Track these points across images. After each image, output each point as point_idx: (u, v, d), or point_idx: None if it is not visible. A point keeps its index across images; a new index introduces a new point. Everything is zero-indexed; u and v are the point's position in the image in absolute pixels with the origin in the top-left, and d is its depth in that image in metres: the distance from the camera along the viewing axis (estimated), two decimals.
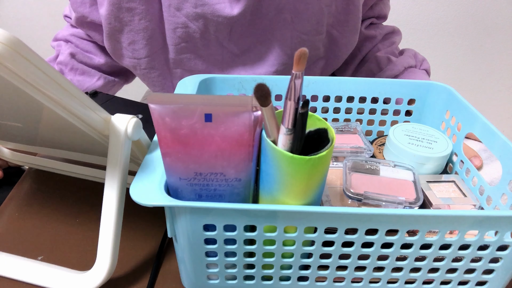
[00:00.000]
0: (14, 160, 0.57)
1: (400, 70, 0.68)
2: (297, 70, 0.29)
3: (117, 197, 0.38)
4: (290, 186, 0.32)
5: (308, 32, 0.61)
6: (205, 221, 0.33)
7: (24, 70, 0.28)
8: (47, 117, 0.36)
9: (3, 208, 0.51)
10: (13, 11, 1.40)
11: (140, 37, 0.60)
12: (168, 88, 0.69)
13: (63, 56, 0.70)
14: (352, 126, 0.53)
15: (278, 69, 0.64)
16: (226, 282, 0.39)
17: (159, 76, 0.66)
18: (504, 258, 0.36)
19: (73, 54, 0.70)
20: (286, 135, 0.31)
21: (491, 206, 0.43)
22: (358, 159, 0.46)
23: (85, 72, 0.71)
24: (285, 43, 0.61)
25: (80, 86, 0.70)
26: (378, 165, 0.45)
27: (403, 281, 0.38)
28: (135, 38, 0.60)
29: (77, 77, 0.70)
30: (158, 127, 0.31)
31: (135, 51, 0.62)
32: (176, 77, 0.67)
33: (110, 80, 0.74)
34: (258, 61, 0.65)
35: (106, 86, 0.74)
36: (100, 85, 0.72)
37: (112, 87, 0.77)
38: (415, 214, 0.33)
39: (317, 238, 0.34)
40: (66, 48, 0.70)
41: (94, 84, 0.71)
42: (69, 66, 0.70)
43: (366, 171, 0.44)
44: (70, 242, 0.46)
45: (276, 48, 0.62)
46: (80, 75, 0.70)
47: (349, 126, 0.53)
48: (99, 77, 0.72)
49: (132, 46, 0.61)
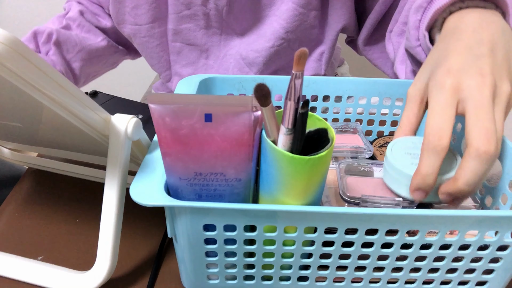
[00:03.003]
0: (14, 160, 0.57)
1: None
2: (297, 70, 0.29)
3: (117, 197, 0.38)
4: (290, 186, 0.32)
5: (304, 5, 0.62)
6: (205, 221, 0.33)
7: (24, 70, 0.28)
8: (47, 117, 0.36)
9: (3, 208, 0.51)
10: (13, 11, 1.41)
11: (144, 1, 0.63)
12: (164, 62, 0.71)
13: (72, 13, 0.72)
14: (352, 126, 0.53)
15: (275, 44, 0.65)
16: (226, 282, 0.39)
17: (157, 46, 0.68)
18: (504, 258, 0.36)
19: (82, 12, 0.72)
20: (286, 135, 0.31)
21: (491, 206, 0.43)
22: (350, 161, 0.45)
23: (91, 30, 0.73)
24: (282, 16, 0.63)
25: (84, 42, 0.71)
26: (371, 167, 0.45)
27: (403, 281, 0.38)
28: (139, 2, 0.63)
29: (83, 33, 0.72)
30: (158, 127, 0.31)
31: (137, 16, 0.65)
32: (174, 52, 0.69)
33: (113, 45, 0.76)
34: (256, 36, 0.67)
35: (109, 49, 0.76)
36: (104, 45, 0.74)
37: (114, 54, 0.78)
38: (415, 214, 0.33)
39: (317, 238, 0.34)
40: (77, 6, 0.73)
41: (98, 43, 0.73)
42: (77, 22, 0.71)
43: (360, 174, 0.44)
44: (70, 242, 0.46)
45: (273, 22, 0.64)
46: (86, 32, 0.72)
47: (349, 126, 0.53)
48: (103, 38, 0.74)
49: (135, 10, 0.64)
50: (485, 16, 0.41)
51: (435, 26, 0.47)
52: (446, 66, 0.37)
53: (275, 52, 0.67)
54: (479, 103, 0.34)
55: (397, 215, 0.33)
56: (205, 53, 0.70)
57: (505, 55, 0.38)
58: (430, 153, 0.34)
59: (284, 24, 0.64)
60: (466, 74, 0.36)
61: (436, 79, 0.37)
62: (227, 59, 0.70)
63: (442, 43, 0.41)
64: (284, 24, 0.64)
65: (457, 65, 0.37)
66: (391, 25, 0.62)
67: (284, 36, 0.65)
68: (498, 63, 0.37)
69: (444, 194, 0.35)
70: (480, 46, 0.38)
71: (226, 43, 0.68)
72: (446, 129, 0.34)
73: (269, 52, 0.66)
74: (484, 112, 0.33)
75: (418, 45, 0.49)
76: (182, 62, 0.71)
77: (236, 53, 0.69)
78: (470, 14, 0.42)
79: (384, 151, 0.51)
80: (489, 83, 0.35)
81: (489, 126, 0.33)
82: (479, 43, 0.38)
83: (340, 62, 0.87)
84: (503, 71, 0.36)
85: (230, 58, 0.69)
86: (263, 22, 0.66)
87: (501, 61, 0.37)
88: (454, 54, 0.38)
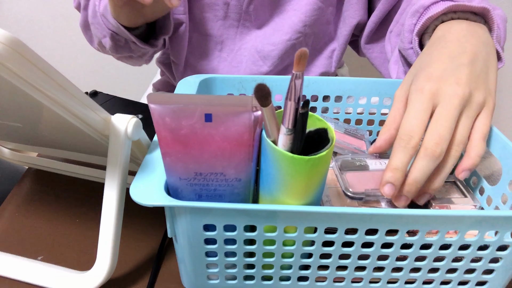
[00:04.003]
0: (14, 160, 0.57)
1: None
2: (298, 70, 0.29)
3: (117, 197, 0.38)
4: (290, 186, 0.32)
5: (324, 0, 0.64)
6: (205, 221, 0.33)
7: (24, 70, 0.28)
8: (47, 117, 0.36)
9: (3, 208, 0.51)
10: (13, 11, 1.40)
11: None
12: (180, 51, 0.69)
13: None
14: (360, 132, 0.53)
15: (292, 38, 0.67)
16: (226, 282, 0.39)
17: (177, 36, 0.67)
18: (504, 258, 0.36)
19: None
20: (286, 135, 0.31)
21: (491, 206, 0.43)
22: (344, 157, 0.45)
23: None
24: (301, 9, 0.65)
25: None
26: (365, 160, 0.45)
27: (403, 281, 0.38)
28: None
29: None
30: (158, 127, 0.31)
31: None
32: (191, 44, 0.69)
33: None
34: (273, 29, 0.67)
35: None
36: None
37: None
38: (415, 214, 0.33)
39: (317, 238, 0.34)
40: None
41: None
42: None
43: (358, 168, 0.44)
44: (70, 242, 0.46)
45: (292, 16, 0.65)
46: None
47: (357, 131, 0.53)
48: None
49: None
50: (471, 28, 0.44)
51: (426, 32, 0.49)
52: (428, 72, 0.40)
53: (291, 46, 0.67)
54: (445, 111, 0.37)
55: (397, 215, 0.33)
56: (220, 45, 0.70)
57: (483, 67, 0.41)
58: (400, 149, 0.37)
59: (303, 17, 0.65)
60: (445, 81, 0.39)
61: (417, 83, 0.40)
62: (241, 53, 0.70)
63: (429, 49, 0.44)
64: (302, 18, 0.65)
65: (438, 72, 0.40)
66: (392, 26, 0.63)
67: (302, 30, 0.66)
68: (476, 73, 0.40)
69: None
70: (462, 56, 0.41)
71: (242, 37, 0.69)
72: (418, 130, 0.37)
73: (285, 45, 0.67)
74: (445, 119, 0.37)
75: (410, 48, 0.52)
76: (196, 53, 0.70)
77: (251, 47, 0.69)
78: (458, 25, 0.45)
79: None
80: (461, 92, 0.38)
81: (443, 133, 0.36)
82: (461, 53, 0.41)
83: (341, 64, 0.87)
84: (479, 82, 0.40)
85: (245, 52, 0.70)
86: (282, 15, 0.66)
87: (479, 72, 0.40)
88: (437, 61, 0.41)
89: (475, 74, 0.40)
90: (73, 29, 1.42)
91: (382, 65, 0.69)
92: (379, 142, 0.40)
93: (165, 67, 0.79)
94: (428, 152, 0.36)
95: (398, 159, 0.37)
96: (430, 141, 0.36)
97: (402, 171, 0.37)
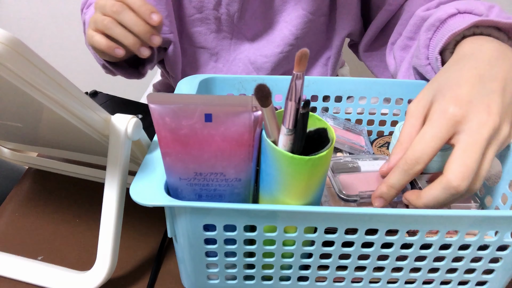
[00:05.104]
0: (14, 160, 0.57)
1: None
2: (298, 71, 0.29)
3: (117, 197, 0.38)
4: (290, 186, 0.32)
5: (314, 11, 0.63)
6: (205, 221, 0.33)
7: (24, 70, 0.28)
8: (47, 117, 0.36)
9: (3, 208, 0.51)
10: (13, 11, 1.41)
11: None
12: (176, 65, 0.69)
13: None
14: (359, 128, 0.53)
15: (284, 50, 0.66)
16: (226, 282, 0.39)
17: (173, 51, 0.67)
18: (504, 258, 0.36)
19: None
20: (286, 136, 0.31)
21: (491, 206, 0.43)
22: (335, 158, 0.45)
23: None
24: (292, 22, 0.64)
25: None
26: (357, 162, 0.45)
27: (403, 281, 0.38)
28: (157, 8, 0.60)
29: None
30: (158, 127, 0.31)
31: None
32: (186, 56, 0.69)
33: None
34: (265, 41, 0.67)
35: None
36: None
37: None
38: (415, 214, 0.33)
39: (317, 238, 0.34)
40: None
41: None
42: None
43: (350, 170, 0.44)
44: (70, 242, 0.46)
45: (283, 29, 0.65)
46: None
47: (356, 127, 0.53)
48: None
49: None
50: (502, 49, 0.41)
51: (447, 48, 0.46)
52: (456, 93, 0.37)
53: (284, 58, 0.67)
54: (474, 141, 0.34)
55: (397, 215, 0.33)
56: (215, 56, 0.70)
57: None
58: (402, 172, 0.35)
59: (294, 30, 0.65)
60: (473, 108, 0.35)
61: (442, 103, 0.36)
62: (236, 63, 0.70)
63: (456, 66, 0.40)
64: (293, 31, 0.65)
65: (467, 96, 0.36)
66: (394, 37, 0.61)
67: (293, 42, 0.66)
68: (506, 103, 0.37)
69: (406, 200, 0.37)
70: (494, 82, 0.37)
71: (236, 47, 0.69)
72: (426, 158, 0.34)
73: (277, 57, 0.67)
74: (474, 151, 0.34)
75: (428, 64, 0.49)
76: (192, 65, 0.71)
77: (245, 58, 0.69)
78: (488, 44, 0.42)
79: (384, 151, 0.51)
80: (492, 124, 0.35)
81: (471, 165, 0.33)
82: (493, 78, 0.38)
83: (341, 64, 0.87)
84: (508, 113, 0.37)
85: (239, 62, 0.70)
86: (273, 28, 0.66)
87: (509, 102, 0.37)
88: (467, 84, 0.37)
89: (506, 104, 0.36)
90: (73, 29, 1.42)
91: (382, 74, 0.69)
92: (393, 162, 0.37)
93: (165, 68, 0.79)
94: (451, 185, 0.33)
95: (397, 179, 0.35)
96: (456, 173, 0.33)
97: (397, 191, 0.36)
